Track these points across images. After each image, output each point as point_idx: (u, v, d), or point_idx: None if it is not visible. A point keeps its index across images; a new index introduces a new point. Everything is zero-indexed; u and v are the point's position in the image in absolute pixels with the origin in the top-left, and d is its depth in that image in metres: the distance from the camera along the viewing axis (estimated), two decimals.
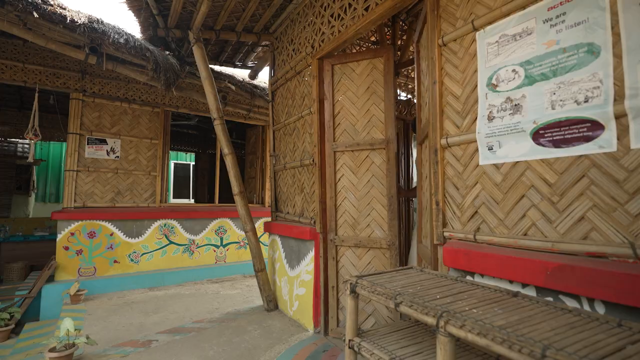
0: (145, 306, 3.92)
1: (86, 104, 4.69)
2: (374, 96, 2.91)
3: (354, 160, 2.94)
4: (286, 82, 3.67)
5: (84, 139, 4.65)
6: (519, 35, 1.53)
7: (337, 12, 2.79)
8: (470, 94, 1.75)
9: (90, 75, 4.71)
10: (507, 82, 1.57)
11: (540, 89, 1.43)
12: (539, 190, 1.45)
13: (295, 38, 3.48)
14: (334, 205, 2.94)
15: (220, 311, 3.71)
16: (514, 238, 1.52)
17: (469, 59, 1.77)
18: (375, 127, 2.90)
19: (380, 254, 2.85)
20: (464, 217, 1.78)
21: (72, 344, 2.53)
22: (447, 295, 1.33)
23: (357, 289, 1.55)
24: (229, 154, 3.54)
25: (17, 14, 2.99)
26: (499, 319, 1.06)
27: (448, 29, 1.89)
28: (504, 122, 1.56)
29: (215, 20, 3.70)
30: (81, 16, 3.18)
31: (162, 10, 3.56)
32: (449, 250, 1.75)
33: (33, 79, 4.39)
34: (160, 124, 5.23)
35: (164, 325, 3.28)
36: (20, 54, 4.31)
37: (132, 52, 3.56)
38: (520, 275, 1.41)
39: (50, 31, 3.30)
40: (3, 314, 3.65)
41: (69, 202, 4.54)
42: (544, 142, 1.42)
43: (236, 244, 5.82)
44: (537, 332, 0.96)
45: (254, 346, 2.72)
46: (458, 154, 1.82)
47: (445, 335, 1.08)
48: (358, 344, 1.54)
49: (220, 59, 4.90)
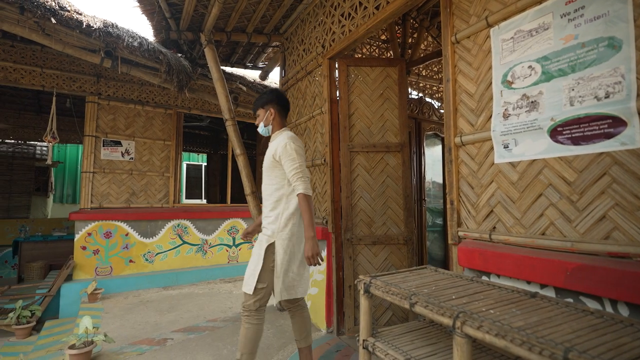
0: (160, 305, 3.99)
1: (101, 107, 4.79)
2: (388, 102, 3.00)
3: (368, 161, 2.96)
4: (297, 82, 3.68)
5: (99, 141, 4.75)
6: (535, 30, 1.50)
7: (347, 11, 2.78)
8: (485, 92, 1.73)
9: (105, 78, 4.81)
10: (523, 79, 1.54)
11: (558, 85, 1.40)
12: (558, 189, 1.42)
13: (306, 38, 3.49)
14: (350, 205, 2.94)
15: (233, 310, 3.74)
16: (532, 238, 1.49)
17: (483, 56, 1.74)
18: (389, 131, 2.97)
19: (397, 250, 2.87)
20: (479, 216, 1.75)
21: (90, 341, 2.59)
22: (462, 295, 1.31)
23: (371, 289, 1.54)
24: (241, 154, 3.57)
25: (35, 21, 3.08)
26: (518, 320, 1.04)
27: (461, 26, 1.86)
28: (520, 120, 1.53)
29: (226, 22, 3.74)
30: (97, 21, 3.24)
31: (174, 14, 3.61)
32: (463, 250, 1.73)
33: (51, 83, 4.51)
34: (173, 125, 5.30)
35: (179, 324, 3.33)
36: (38, 59, 4.42)
37: (146, 55, 3.62)
38: (538, 276, 1.38)
39: (67, 36, 3.38)
40: (24, 312, 3.76)
41: (86, 203, 4.64)
42: (563, 139, 1.39)
43: (248, 243, 5.86)
44: (557, 334, 0.94)
45: (267, 345, 2.73)
46: (472, 153, 1.79)
47: (461, 336, 1.07)
48: (372, 344, 1.53)
49: (232, 61, 4.94)
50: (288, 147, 2.01)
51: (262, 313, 2.03)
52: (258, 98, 2.26)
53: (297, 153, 2.01)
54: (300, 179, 1.96)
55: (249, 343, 1.98)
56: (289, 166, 1.99)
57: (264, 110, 2.20)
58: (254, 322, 1.99)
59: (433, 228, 4.38)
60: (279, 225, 2.01)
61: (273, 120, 2.20)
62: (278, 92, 2.26)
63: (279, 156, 2.03)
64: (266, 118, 2.20)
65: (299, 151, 2.02)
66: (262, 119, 2.22)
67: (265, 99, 2.21)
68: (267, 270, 2.00)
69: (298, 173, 1.97)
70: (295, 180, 1.97)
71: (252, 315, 1.99)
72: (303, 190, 1.94)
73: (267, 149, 2.17)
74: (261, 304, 2.01)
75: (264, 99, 2.21)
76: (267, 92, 2.25)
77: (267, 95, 2.22)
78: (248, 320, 1.99)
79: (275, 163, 2.06)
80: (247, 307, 2.00)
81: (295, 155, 2.00)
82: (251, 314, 1.99)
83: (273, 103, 2.19)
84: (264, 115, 2.21)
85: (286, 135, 2.12)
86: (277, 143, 2.09)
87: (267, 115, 2.19)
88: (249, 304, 1.99)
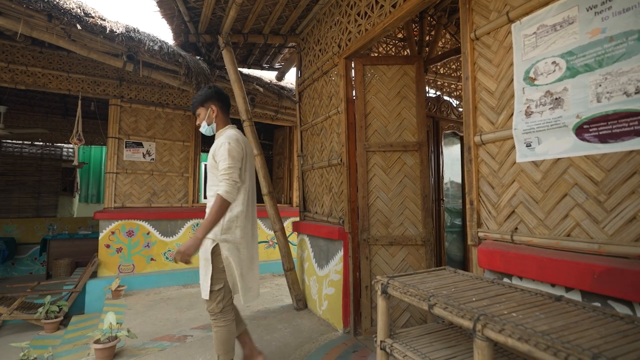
0: (180, 302, 4.08)
1: (124, 110, 4.94)
2: (405, 101, 2.96)
3: (385, 160, 2.94)
4: (313, 82, 3.69)
5: (122, 143, 4.91)
6: (559, 25, 1.45)
7: (363, 10, 2.76)
8: (506, 89, 1.68)
9: (127, 82, 4.95)
10: (546, 75, 1.49)
11: (584, 81, 1.35)
12: (584, 189, 1.37)
13: (322, 38, 3.49)
14: (366, 205, 2.92)
15: (250, 309, 3.78)
16: (556, 239, 1.44)
17: (504, 53, 1.70)
18: (407, 130, 2.93)
19: (414, 251, 2.84)
20: (500, 217, 1.71)
21: (114, 336, 2.67)
22: (483, 297, 1.29)
23: (389, 290, 1.53)
24: (258, 154, 3.61)
25: (62, 27, 3.20)
26: (542, 324, 1.01)
27: (481, 22, 1.82)
28: (544, 118, 1.49)
29: (243, 24, 3.78)
30: (119, 26, 3.34)
31: (192, 17, 3.69)
32: (484, 251, 1.69)
33: (76, 87, 4.68)
34: (191, 127, 5.41)
35: (198, 322, 3.39)
36: (65, 64, 4.60)
37: (166, 58, 3.71)
38: (563, 279, 1.33)
39: (92, 42, 3.50)
40: (53, 307, 3.93)
41: (110, 202, 4.80)
42: (589, 137, 1.33)
43: (265, 243, 5.92)
44: (584, 339, 0.91)
45: (285, 344, 2.75)
46: (493, 152, 1.75)
47: (482, 340, 1.05)
48: (390, 345, 1.52)
49: (248, 62, 5.00)
50: (223, 148, 1.96)
51: (228, 314, 2.01)
52: (196, 97, 2.17)
53: (230, 154, 1.94)
54: (225, 180, 1.90)
55: (222, 345, 1.99)
56: (220, 166, 1.95)
57: (205, 109, 2.13)
58: (222, 325, 1.99)
59: (452, 229, 4.30)
60: (221, 227, 1.97)
61: (216, 118, 2.14)
62: (217, 88, 2.18)
63: (215, 155, 1.99)
64: (208, 116, 2.13)
65: (232, 152, 1.95)
66: (204, 118, 2.14)
67: (205, 96, 2.12)
68: (219, 271, 1.97)
69: (225, 175, 1.91)
70: (221, 180, 1.91)
71: (219, 318, 1.99)
72: (222, 192, 1.87)
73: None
74: (224, 305, 1.99)
75: (203, 97, 2.12)
76: (205, 89, 2.15)
77: (206, 92, 2.13)
78: (216, 323, 1.99)
79: (215, 163, 2.01)
80: (211, 312, 2.00)
81: (227, 156, 1.93)
82: (217, 317, 1.99)
83: (213, 100, 2.12)
84: (205, 113, 2.14)
85: (227, 134, 2.06)
86: (217, 142, 2.03)
87: (208, 113, 2.12)
88: (212, 308, 1.98)
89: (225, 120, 2.18)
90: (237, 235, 2.01)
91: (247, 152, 2.12)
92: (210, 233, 1.95)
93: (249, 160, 2.14)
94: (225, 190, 1.88)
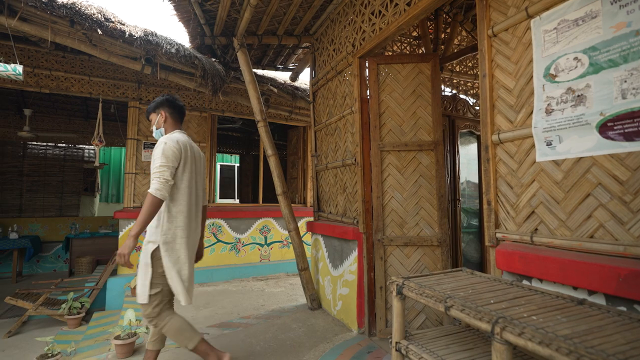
0: (196, 300, 4.15)
1: (142, 111, 5.06)
2: (420, 99, 2.92)
3: (400, 160, 2.91)
4: (327, 82, 3.69)
5: (140, 144, 5.02)
6: (581, 19, 1.40)
7: (377, 8, 2.75)
8: (525, 86, 1.64)
9: (145, 84, 5.07)
10: (567, 72, 1.44)
11: (608, 77, 1.30)
12: (608, 189, 1.32)
13: (336, 38, 3.48)
14: (380, 205, 2.90)
15: (265, 308, 3.81)
16: (578, 241, 1.39)
17: (523, 49, 1.66)
18: (422, 129, 2.90)
19: (430, 252, 2.80)
20: (519, 217, 1.67)
21: (134, 333, 2.74)
22: (501, 300, 1.26)
23: (404, 291, 1.52)
24: (272, 155, 3.63)
25: (84, 32, 3.31)
26: (564, 328, 0.98)
27: (498, 18, 1.78)
28: (565, 115, 1.44)
29: (257, 25, 3.82)
30: (138, 30, 3.43)
31: (208, 20, 3.74)
32: (502, 252, 1.65)
33: (97, 90, 4.82)
34: (207, 127, 5.49)
35: (214, 320, 3.44)
36: (86, 68, 4.75)
37: (182, 60, 3.78)
38: (586, 281, 1.29)
39: (112, 46, 3.60)
40: (75, 303, 4.06)
41: (129, 202, 4.92)
42: (613, 135, 1.29)
43: (280, 242, 5.95)
44: (609, 344, 0.87)
45: (299, 344, 2.76)
46: (512, 151, 1.71)
47: (501, 343, 1.02)
48: (405, 346, 1.50)
49: (263, 63, 5.04)
50: (158, 149, 2.02)
51: (167, 313, 2.04)
52: (150, 104, 2.31)
53: (165, 154, 1.98)
54: (156, 178, 1.94)
55: (181, 335, 2.01)
56: (152, 164, 2.01)
57: (156, 114, 2.25)
58: (165, 322, 2.01)
59: (468, 229, 4.22)
60: (162, 229, 2.01)
61: (165, 123, 2.24)
62: (169, 96, 2.29)
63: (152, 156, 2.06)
64: (157, 121, 2.24)
65: (166, 152, 1.99)
66: (154, 122, 2.26)
67: (156, 103, 2.26)
68: (158, 276, 2.00)
69: (157, 172, 1.95)
70: (152, 179, 1.96)
71: (158, 321, 2.01)
72: (152, 190, 1.91)
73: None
74: (162, 308, 2.02)
75: (155, 104, 2.26)
76: (159, 97, 2.29)
77: (159, 99, 2.27)
78: (157, 324, 2.01)
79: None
80: (147, 316, 2.01)
81: (160, 155, 1.98)
82: (155, 320, 2.01)
83: (164, 106, 2.24)
84: (155, 119, 2.25)
85: (167, 136, 2.12)
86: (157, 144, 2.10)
87: (158, 118, 2.24)
88: (148, 313, 2.00)
89: (174, 125, 2.27)
90: (177, 236, 2.05)
91: (192, 155, 2.19)
92: (151, 236, 2.03)
93: (194, 163, 2.20)
94: (156, 187, 1.92)
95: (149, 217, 1.91)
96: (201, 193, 2.30)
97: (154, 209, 1.92)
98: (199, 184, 2.26)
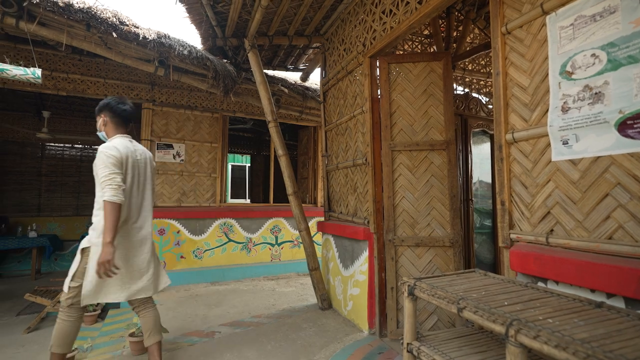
0: (208, 299, 4.19)
1: (155, 113, 5.14)
2: (432, 98, 2.89)
3: (411, 160, 2.89)
4: (337, 82, 3.68)
5: (154, 145, 5.11)
6: (599, 15, 1.36)
7: (388, 7, 2.73)
8: (540, 84, 1.61)
9: (158, 86, 5.15)
10: (585, 69, 1.41)
11: (628, 74, 1.27)
12: (627, 189, 1.29)
13: (346, 38, 3.48)
14: (391, 205, 2.89)
15: (276, 307, 3.83)
16: (596, 242, 1.36)
17: (538, 46, 1.62)
18: (434, 128, 2.87)
19: (442, 252, 2.77)
20: (534, 218, 1.63)
21: None
22: (516, 302, 1.24)
23: (416, 292, 1.50)
24: (283, 155, 3.65)
25: (99, 36, 3.38)
26: (581, 332, 0.95)
27: (512, 15, 1.75)
28: (582, 113, 1.41)
29: (268, 26, 3.84)
30: (151, 32, 3.49)
31: (220, 22, 3.78)
32: (516, 253, 1.62)
33: (112, 92, 4.92)
34: (219, 128, 5.55)
35: (225, 318, 3.47)
36: (101, 71, 4.85)
37: (195, 62, 3.83)
38: (604, 284, 1.26)
39: (126, 48, 3.67)
40: None
41: None
42: (633, 133, 1.25)
43: (290, 242, 5.97)
44: (629, 349, 0.85)
45: (310, 343, 2.77)
46: (526, 150, 1.68)
47: (516, 346, 1.01)
48: (417, 348, 1.49)
49: (273, 64, 5.07)
50: (99, 159, 2.09)
51: (74, 311, 2.13)
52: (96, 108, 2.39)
53: (105, 164, 2.05)
54: (108, 186, 2.00)
55: (60, 337, 2.10)
56: (99, 174, 2.06)
57: (99, 117, 2.33)
58: (65, 319, 2.11)
59: (481, 230, 4.16)
60: (97, 232, 2.08)
61: (105, 127, 2.32)
62: (113, 100, 2.33)
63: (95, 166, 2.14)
64: (99, 125, 2.33)
65: (106, 162, 2.06)
66: (97, 125, 2.35)
67: (99, 107, 2.33)
68: (81, 271, 2.11)
69: (106, 181, 2.01)
70: (104, 187, 2.02)
71: (64, 311, 2.12)
72: (107, 198, 1.98)
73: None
74: (73, 302, 2.12)
75: (98, 108, 2.33)
76: (102, 101, 2.34)
77: (101, 103, 2.33)
78: (60, 316, 2.13)
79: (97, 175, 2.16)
80: (61, 304, 2.14)
81: (107, 163, 2.06)
82: (64, 309, 2.12)
83: (105, 110, 2.30)
84: (98, 122, 2.34)
85: (107, 144, 2.18)
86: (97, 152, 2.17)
87: (100, 121, 2.32)
88: (63, 301, 2.13)
89: (116, 130, 2.33)
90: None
91: (133, 160, 2.26)
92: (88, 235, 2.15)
93: (135, 167, 2.27)
94: (111, 194, 1.99)
95: (114, 223, 1.99)
96: (149, 195, 2.41)
97: (116, 213, 2.00)
98: (146, 187, 2.38)
